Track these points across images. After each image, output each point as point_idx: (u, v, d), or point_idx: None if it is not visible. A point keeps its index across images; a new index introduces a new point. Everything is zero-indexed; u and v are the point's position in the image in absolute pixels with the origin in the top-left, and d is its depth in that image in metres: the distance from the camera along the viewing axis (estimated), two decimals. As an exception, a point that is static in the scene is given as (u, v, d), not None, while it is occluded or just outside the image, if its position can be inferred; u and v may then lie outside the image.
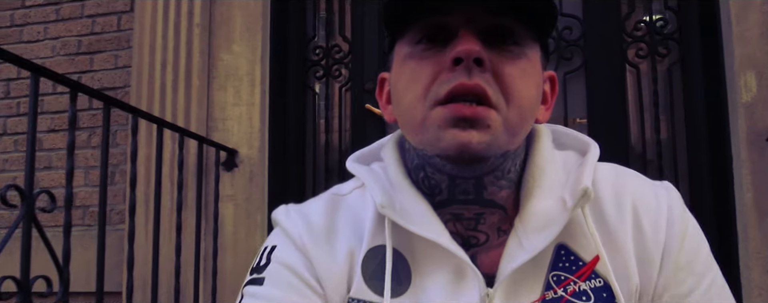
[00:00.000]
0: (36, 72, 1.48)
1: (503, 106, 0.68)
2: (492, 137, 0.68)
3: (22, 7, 2.87)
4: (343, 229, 0.79)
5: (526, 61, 0.70)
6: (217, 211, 2.40)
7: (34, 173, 1.46)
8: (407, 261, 0.74)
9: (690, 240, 0.74)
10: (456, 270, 0.72)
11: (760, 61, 2.15)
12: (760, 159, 2.11)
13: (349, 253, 0.76)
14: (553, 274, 0.71)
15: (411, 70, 0.71)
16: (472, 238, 0.75)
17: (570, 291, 0.71)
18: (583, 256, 0.72)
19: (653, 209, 0.74)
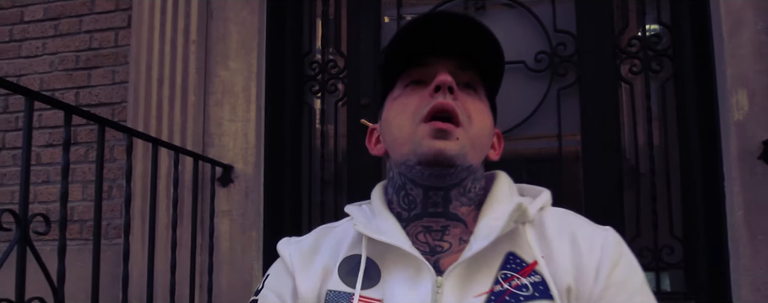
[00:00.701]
0: (29, 96, 1.50)
1: (467, 125, 0.91)
2: (459, 147, 0.90)
3: (21, 22, 2.89)
4: (324, 249, 0.99)
5: (482, 103, 0.95)
6: (213, 226, 2.41)
7: (28, 197, 1.48)
8: (378, 265, 0.93)
9: (624, 265, 0.89)
10: (415, 268, 0.89)
11: (752, 80, 2.17)
12: (751, 177, 2.13)
13: (324, 269, 0.95)
14: (501, 273, 0.88)
15: (401, 103, 0.95)
16: (437, 247, 0.93)
17: (514, 285, 0.87)
18: (527, 260, 0.89)
19: (590, 238, 0.91)
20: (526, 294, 0.86)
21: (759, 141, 2.12)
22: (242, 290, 2.41)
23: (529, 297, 0.86)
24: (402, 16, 2.77)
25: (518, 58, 2.62)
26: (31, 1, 2.89)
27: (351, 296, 0.91)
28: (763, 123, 2.12)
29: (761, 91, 2.15)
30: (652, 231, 2.43)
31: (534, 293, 0.86)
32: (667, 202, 2.44)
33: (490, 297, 0.86)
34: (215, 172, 2.45)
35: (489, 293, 0.86)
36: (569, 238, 0.91)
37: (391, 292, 0.89)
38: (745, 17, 2.20)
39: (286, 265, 0.98)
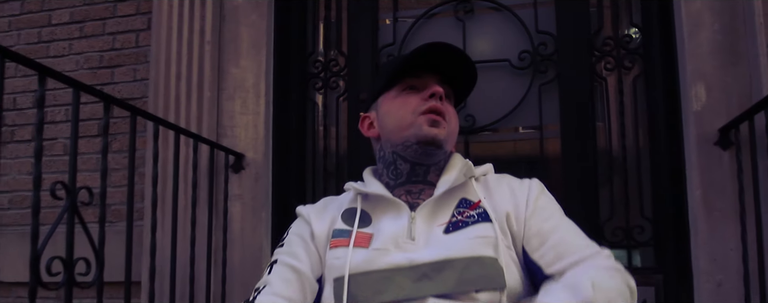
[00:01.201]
0: (76, 87, 1.75)
1: (448, 123, 1.35)
2: (445, 134, 1.33)
3: (48, 25, 3.15)
4: (330, 208, 1.42)
5: (453, 109, 1.40)
6: (227, 208, 2.67)
7: (76, 172, 1.74)
8: (369, 214, 1.34)
9: (544, 197, 1.33)
10: (396, 209, 1.31)
11: (709, 75, 2.42)
12: (708, 161, 2.38)
13: (331, 218, 1.38)
14: (456, 210, 1.29)
15: (402, 101, 1.35)
16: (415, 203, 1.33)
17: (464, 215, 1.27)
18: (473, 201, 1.31)
19: (520, 184, 1.36)
20: (473, 220, 1.26)
21: (715, 129, 2.37)
22: (252, 266, 2.66)
23: (475, 221, 1.26)
24: (397, 19, 3.03)
25: (503, 57, 2.88)
26: (59, 5, 3.15)
27: (350, 232, 1.30)
28: (719, 113, 2.37)
29: (717, 84, 2.41)
30: (624, 212, 2.69)
31: (478, 219, 1.26)
32: (638, 185, 2.70)
33: (449, 225, 1.26)
34: (228, 160, 2.70)
35: (448, 223, 1.27)
36: (507, 186, 1.34)
37: (378, 227, 1.29)
38: (704, 19, 2.46)
39: (304, 218, 1.40)
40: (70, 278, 1.69)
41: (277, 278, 1.28)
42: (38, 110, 1.62)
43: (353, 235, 1.27)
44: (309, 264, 1.31)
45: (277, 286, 1.27)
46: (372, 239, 1.27)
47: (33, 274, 1.56)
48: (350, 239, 1.27)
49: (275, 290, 1.26)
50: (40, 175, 1.60)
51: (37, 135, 1.62)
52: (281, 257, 1.33)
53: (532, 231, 1.25)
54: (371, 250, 1.24)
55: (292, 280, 1.28)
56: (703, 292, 2.34)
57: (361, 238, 1.28)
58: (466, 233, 1.23)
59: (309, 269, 1.30)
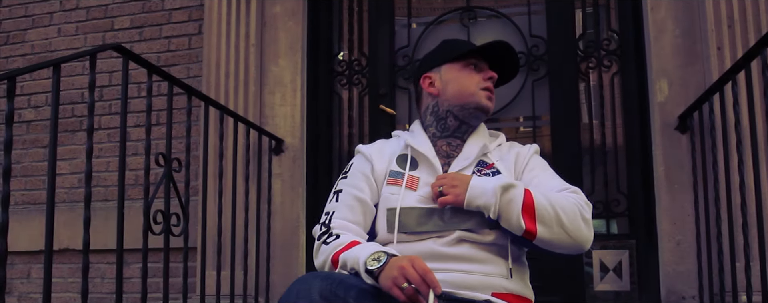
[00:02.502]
0: (171, 81, 2.28)
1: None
2: (493, 104, 1.68)
3: (111, 29, 3.68)
4: (385, 151, 1.72)
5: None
6: (270, 185, 3.19)
7: (171, 147, 2.26)
8: (416, 160, 1.67)
9: (535, 159, 1.69)
10: (434, 167, 1.64)
11: (671, 72, 2.94)
12: (669, 142, 2.89)
13: (388, 160, 1.69)
14: (476, 168, 1.63)
15: (467, 74, 1.67)
16: (451, 154, 1.67)
17: (482, 173, 1.61)
18: (489, 163, 1.65)
19: (522, 150, 1.71)
20: (489, 176, 1.60)
21: (675, 116, 2.88)
22: (290, 232, 3.19)
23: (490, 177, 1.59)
24: (410, 24, 3.55)
25: (502, 57, 3.40)
26: (120, 13, 3.67)
27: (403, 174, 1.63)
28: (678, 103, 2.89)
29: (677, 80, 2.92)
30: (603, 188, 3.20)
31: (492, 176, 1.61)
32: (615, 165, 3.22)
33: None
34: (271, 144, 3.22)
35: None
36: (515, 154, 1.69)
37: (422, 175, 1.63)
38: (667, 26, 2.98)
39: (366, 156, 1.69)
40: (167, 227, 2.20)
41: (344, 206, 1.59)
42: (148, 97, 2.14)
43: (405, 178, 1.61)
44: (369, 194, 1.61)
45: (345, 212, 1.58)
46: (419, 183, 1.59)
47: (145, 220, 2.08)
48: (403, 180, 1.60)
49: (343, 215, 1.58)
50: (149, 145, 2.12)
51: (148, 115, 2.14)
52: (346, 188, 1.63)
53: (524, 179, 1.62)
54: (417, 195, 1.56)
55: (356, 207, 1.59)
56: (665, 251, 2.85)
57: (411, 181, 1.59)
58: None
59: (369, 198, 1.60)
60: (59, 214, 3.56)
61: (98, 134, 3.62)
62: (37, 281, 3.62)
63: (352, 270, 1.41)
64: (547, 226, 1.44)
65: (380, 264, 1.34)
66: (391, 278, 1.30)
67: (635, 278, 3.09)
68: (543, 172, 1.64)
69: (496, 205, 1.44)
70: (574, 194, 1.53)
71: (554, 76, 3.32)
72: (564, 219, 1.44)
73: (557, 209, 1.44)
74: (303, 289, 1.27)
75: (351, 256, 1.42)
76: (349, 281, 1.32)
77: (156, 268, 3.31)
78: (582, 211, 1.48)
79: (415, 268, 1.29)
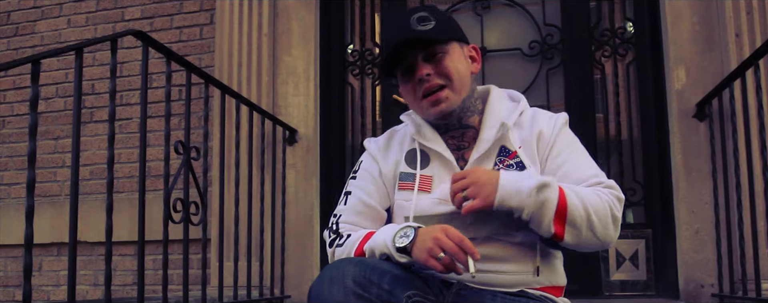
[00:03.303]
0: (189, 68, 2.26)
1: (449, 82, 1.45)
2: (449, 103, 1.45)
3: (122, 20, 3.66)
4: (393, 145, 1.58)
5: (448, 56, 1.47)
6: (284, 175, 3.17)
7: (189, 137, 2.24)
8: (427, 154, 1.52)
9: (562, 135, 1.50)
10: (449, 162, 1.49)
11: (689, 59, 2.92)
12: (687, 130, 2.87)
13: (396, 160, 1.55)
14: (498, 158, 1.48)
15: (406, 88, 1.50)
16: (461, 145, 1.52)
17: (505, 164, 1.46)
18: (511, 150, 1.48)
19: (548, 124, 1.50)
20: (513, 169, 1.44)
21: (693, 104, 2.86)
22: (304, 222, 3.17)
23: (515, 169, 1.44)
24: (424, 14, 3.52)
25: (516, 46, 3.38)
26: (131, 4, 3.65)
27: (414, 175, 1.50)
28: (696, 90, 2.87)
29: (695, 67, 2.90)
30: (619, 177, 3.18)
31: (516, 168, 1.44)
32: (631, 154, 3.20)
33: None
34: (285, 134, 3.21)
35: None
36: (537, 133, 1.48)
37: (436, 172, 1.49)
38: (684, 13, 2.95)
39: (372, 155, 1.58)
40: (186, 216, 2.19)
41: (352, 210, 1.51)
42: (167, 84, 2.13)
43: (417, 180, 1.49)
44: (378, 198, 1.52)
45: (353, 217, 1.51)
46: (433, 183, 1.47)
47: (166, 209, 2.06)
48: (415, 183, 1.48)
49: (351, 219, 1.50)
50: (169, 133, 2.10)
51: (167, 102, 2.12)
52: (355, 190, 1.54)
53: (547, 165, 1.45)
54: (432, 198, 1.45)
55: (364, 213, 1.51)
56: (683, 240, 2.84)
57: (424, 182, 1.47)
58: None
59: (378, 203, 1.52)
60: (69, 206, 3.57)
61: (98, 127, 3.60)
62: (48, 274, 3.60)
63: (382, 256, 1.36)
64: (577, 230, 1.33)
65: (410, 239, 1.30)
66: (425, 250, 1.26)
67: (652, 267, 3.08)
68: (572, 155, 1.47)
69: (530, 206, 1.32)
70: (607, 189, 1.39)
71: (569, 65, 3.30)
72: (595, 221, 1.33)
73: (590, 211, 1.33)
74: (336, 276, 1.23)
75: (377, 242, 1.37)
76: (382, 267, 1.28)
77: (171, 260, 3.29)
78: (614, 211, 1.38)
79: (449, 237, 1.25)
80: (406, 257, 1.31)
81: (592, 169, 1.45)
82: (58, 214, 3.56)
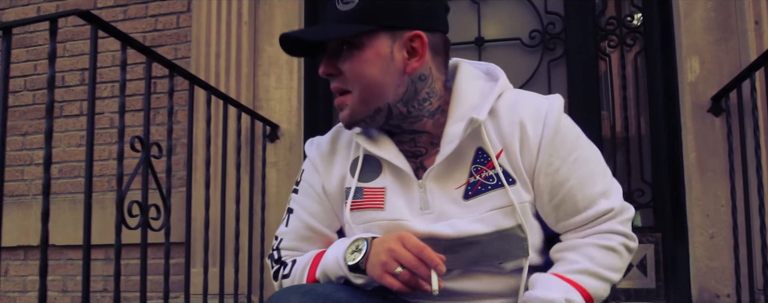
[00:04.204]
0: (150, 56, 2.02)
1: (353, 88, 1.13)
2: (350, 111, 1.15)
3: (94, 8, 3.41)
4: (340, 151, 1.27)
5: (360, 53, 1.12)
6: (264, 174, 2.94)
7: (149, 131, 2.00)
8: (378, 161, 1.21)
9: (559, 135, 1.14)
10: (404, 175, 1.20)
11: (703, 49, 2.68)
12: (702, 126, 2.64)
13: (340, 175, 1.25)
14: (473, 166, 1.16)
15: None
16: (417, 151, 1.21)
17: (483, 176, 1.15)
18: (490, 154, 1.15)
19: (534, 118, 1.14)
20: (492, 183, 1.13)
21: (708, 97, 2.63)
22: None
23: (495, 185, 1.13)
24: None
25: (515, 36, 3.14)
26: (104, -9, 3.42)
27: (363, 189, 1.21)
28: (711, 83, 2.63)
29: (709, 57, 2.66)
30: (626, 177, 2.94)
31: (498, 182, 1.14)
32: (638, 152, 2.96)
33: (467, 187, 1.15)
34: (265, 130, 2.97)
35: (466, 184, 1.15)
36: (519, 125, 1.14)
37: (390, 183, 1.20)
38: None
39: (314, 165, 1.27)
40: (145, 221, 1.95)
41: (294, 234, 1.26)
42: (121, 72, 1.89)
43: (363, 195, 1.21)
44: (325, 219, 1.26)
45: (295, 242, 1.26)
46: (385, 198, 1.19)
47: (118, 213, 1.82)
48: (363, 201, 1.21)
49: (293, 244, 1.26)
50: (124, 127, 1.86)
51: (121, 93, 1.88)
52: (297, 209, 1.28)
53: (540, 185, 1.15)
54: (387, 220, 1.17)
55: (308, 237, 1.26)
56: (696, 245, 2.60)
57: (374, 197, 1.19)
58: (487, 201, 1.14)
59: (325, 225, 1.25)
60: (37, 206, 3.35)
61: (80, 120, 3.37)
62: (15, 279, 3.37)
63: (340, 279, 1.14)
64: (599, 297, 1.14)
65: (362, 253, 1.07)
66: (379, 265, 1.05)
67: (661, 275, 2.84)
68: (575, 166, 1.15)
69: None
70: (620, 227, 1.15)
71: (572, 56, 3.06)
72: (614, 279, 1.16)
73: (609, 277, 1.14)
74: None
75: (328, 263, 1.15)
76: (335, 296, 1.06)
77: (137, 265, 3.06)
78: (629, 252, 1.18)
79: (407, 247, 1.03)
80: (362, 277, 1.08)
81: (600, 184, 1.16)
82: (25, 216, 3.32)
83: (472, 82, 1.20)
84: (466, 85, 1.19)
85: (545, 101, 1.18)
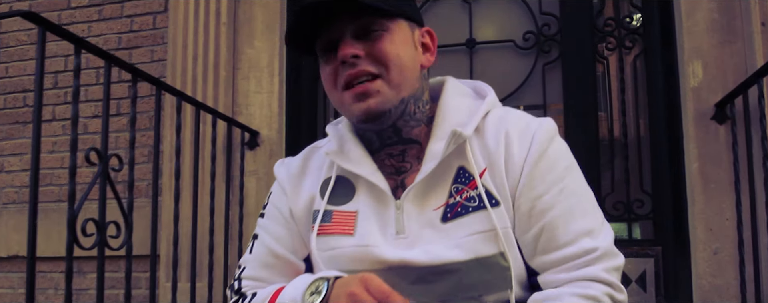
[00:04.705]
0: (109, 60, 1.86)
1: (384, 72, 1.05)
2: (381, 98, 1.05)
3: (68, 8, 3.26)
4: (311, 172, 1.19)
5: (389, 36, 1.06)
6: (243, 184, 2.78)
7: (108, 140, 1.85)
8: (352, 182, 1.13)
9: (546, 159, 1.05)
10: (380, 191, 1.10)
11: (706, 52, 2.52)
12: (705, 135, 2.48)
13: (309, 197, 1.16)
14: (454, 186, 1.07)
15: (325, 72, 1.10)
16: (401, 168, 1.12)
17: (464, 197, 1.06)
18: (473, 173, 1.07)
19: (521, 135, 1.07)
20: (473, 205, 1.05)
21: (711, 104, 2.47)
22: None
23: (476, 207, 1.04)
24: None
25: (508, 38, 2.98)
26: (77, -11, 3.26)
27: (333, 212, 1.12)
28: (715, 89, 2.48)
29: (713, 61, 2.51)
30: (624, 187, 2.79)
31: (479, 204, 1.05)
32: (638, 161, 2.80)
33: (446, 209, 1.06)
34: (244, 137, 2.81)
35: (445, 205, 1.06)
36: (504, 142, 1.07)
37: (364, 206, 1.11)
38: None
39: (282, 187, 1.20)
40: (102, 240, 1.80)
41: (258, 262, 1.17)
42: (75, 78, 1.73)
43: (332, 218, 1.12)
44: (291, 245, 1.17)
45: (259, 270, 1.17)
46: (356, 221, 1.10)
47: (70, 233, 1.67)
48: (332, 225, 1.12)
49: (256, 274, 1.17)
50: (76, 138, 1.71)
51: (74, 101, 1.73)
52: (262, 235, 1.19)
53: (520, 210, 1.05)
54: (357, 246, 1.08)
55: (273, 266, 1.16)
56: (699, 261, 2.45)
57: (344, 222, 1.11)
58: (466, 225, 1.05)
59: (291, 251, 1.16)
60: (9, 216, 3.19)
61: (52, 126, 3.21)
62: (-16, 291, 3.21)
63: None
64: None
65: (322, 296, 0.96)
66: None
67: (661, 290, 2.68)
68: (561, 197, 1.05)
69: None
70: (605, 275, 1.01)
71: (568, 58, 2.90)
72: None
73: None
74: None
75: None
76: None
77: (115, 279, 2.91)
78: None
79: (370, 291, 0.91)
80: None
81: (586, 221, 1.04)
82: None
83: (458, 99, 1.14)
84: (453, 102, 1.13)
85: (535, 121, 1.10)
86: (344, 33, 1.06)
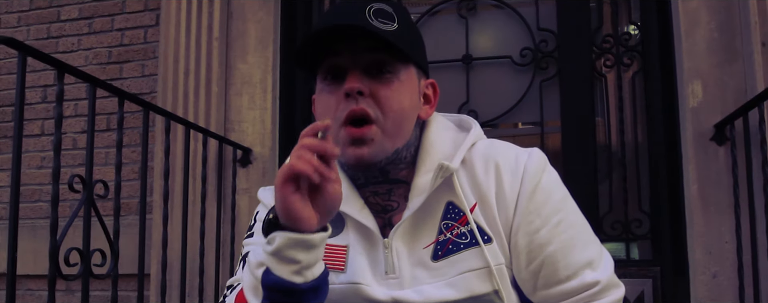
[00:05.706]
0: (93, 83, 1.81)
1: (381, 119, 1.00)
2: (376, 148, 1.01)
3: (58, 20, 3.21)
4: None
5: (398, 83, 1.03)
6: (235, 202, 2.73)
7: (93, 167, 1.80)
8: (341, 215, 1.09)
9: (540, 191, 1.03)
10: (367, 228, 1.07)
11: (705, 72, 2.48)
12: (704, 156, 2.44)
13: None
14: (443, 223, 1.05)
15: (324, 100, 1.04)
16: (388, 206, 1.09)
17: (455, 233, 1.04)
18: (463, 209, 1.04)
19: (511, 168, 1.04)
20: (465, 241, 1.03)
21: (711, 125, 2.43)
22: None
23: (468, 244, 1.03)
24: (401, 16, 3.08)
25: (505, 54, 2.94)
26: (68, 2, 3.21)
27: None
28: (715, 109, 2.43)
29: (713, 81, 2.46)
30: (622, 206, 2.75)
31: (471, 241, 1.03)
32: (636, 180, 2.76)
33: (437, 246, 1.04)
34: (236, 154, 2.76)
35: (435, 243, 1.04)
36: (495, 175, 1.05)
37: (354, 241, 1.08)
38: (700, 18, 2.51)
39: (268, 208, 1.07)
40: (86, 269, 1.75)
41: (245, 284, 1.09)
42: (57, 105, 1.68)
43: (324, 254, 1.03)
44: None
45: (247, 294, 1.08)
46: (347, 256, 1.07)
47: (52, 265, 1.62)
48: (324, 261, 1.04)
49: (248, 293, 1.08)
50: (59, 168, 1.66)
51: (56, 129, 1.68)
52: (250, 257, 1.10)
53: (518, 246, 1.03)
54: (348, 283, 1.05)
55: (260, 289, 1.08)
56: (698, 284, 2.40)
57: (335, 256, 1.07)
58: (459, 263, 1.03)
59: None
60: (-5, 233, 3.14)
61: (41, 141, 3.16)
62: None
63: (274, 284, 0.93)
64: None
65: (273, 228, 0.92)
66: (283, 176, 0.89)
67: (660, 312, 2.65)
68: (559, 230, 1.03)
69: None
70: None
71: (566, 75, 2.86)
72: None
73: None
74: None
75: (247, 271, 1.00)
76: None
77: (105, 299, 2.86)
78: None
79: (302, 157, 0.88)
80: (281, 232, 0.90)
81: (586, 253, 1.03)
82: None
83: (442, 133, 1.11)
84: (436, 136, 1.10)
85: (524, 152, 1.08)
86: (355, 64, 1.01)
